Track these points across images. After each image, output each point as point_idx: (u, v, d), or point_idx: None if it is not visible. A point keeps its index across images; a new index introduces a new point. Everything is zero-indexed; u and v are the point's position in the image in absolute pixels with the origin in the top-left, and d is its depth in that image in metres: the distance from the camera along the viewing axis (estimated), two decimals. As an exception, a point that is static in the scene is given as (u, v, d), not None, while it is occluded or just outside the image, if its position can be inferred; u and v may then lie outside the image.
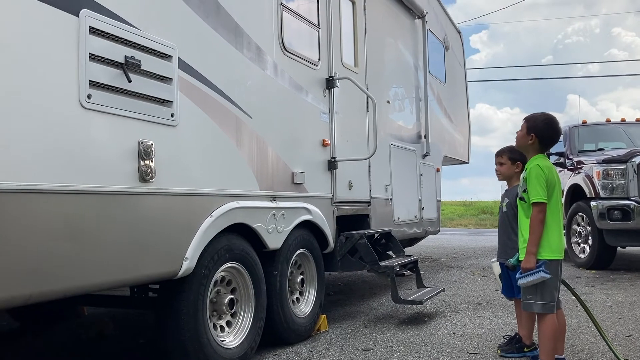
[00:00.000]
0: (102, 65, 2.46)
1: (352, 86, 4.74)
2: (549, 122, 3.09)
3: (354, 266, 4.63)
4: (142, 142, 2.63)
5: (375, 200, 5.29)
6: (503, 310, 4.88)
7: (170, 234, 2.79)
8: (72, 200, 2.28)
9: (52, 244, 2.20)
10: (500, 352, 3.55)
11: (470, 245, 11.85)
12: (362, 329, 4.33)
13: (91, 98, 2.39)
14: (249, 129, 3.49)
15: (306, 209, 4.08)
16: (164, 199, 2.75)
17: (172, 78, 2.85)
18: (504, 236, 3.59)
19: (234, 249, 3.30)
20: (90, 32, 2.40)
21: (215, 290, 3.25)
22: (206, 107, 3.11)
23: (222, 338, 3.25)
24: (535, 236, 2.91)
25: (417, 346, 3.79)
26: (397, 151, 5.91)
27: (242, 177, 3.43)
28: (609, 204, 6.90)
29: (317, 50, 4.42)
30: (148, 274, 2.69)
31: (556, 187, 2.99)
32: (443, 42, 7.97)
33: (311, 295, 4.27)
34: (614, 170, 7.00)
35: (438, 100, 7.64)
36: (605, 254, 7.26)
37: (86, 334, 4.25)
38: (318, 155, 4.35)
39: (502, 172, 3.69)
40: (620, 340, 3.85)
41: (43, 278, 2.17)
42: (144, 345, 3.99)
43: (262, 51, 3.68)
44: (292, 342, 3.89)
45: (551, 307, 2.93)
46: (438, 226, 7.56)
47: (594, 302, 5.16)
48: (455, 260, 9.04)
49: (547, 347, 2.92)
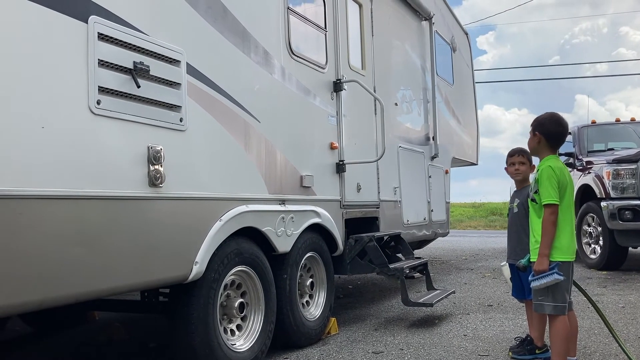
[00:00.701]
0: (111, 71, 2.47)
1: (359, 89, 4.74)
2: (553, 119, 3.08)
3: (364, 269, 4.62)
4: (152, 147, 2.64)
5: (384, 202, 5.28)
6: (514, 312, 4.85)
7: (180, 238, 2.80)
8: (82, 205, 2.30)
9: (63, 249, 2.21)
10: (512, 354, 3.53)
11: (479, 247, 11.80)
12: (373, 331, 4.32)
13: (101, 104, 2.40)
14: (257, 132, 3.50)
15: (315, 212, 4.08)
16: (173, 204, 2.76)
17: (181, 83, 2.86)
18: (514, 237, 3.57)
19: (244, 253, 3.31)
20: (99, 38, 2.41)
21: (225, 294, 3.26)
22: (214, 112, 3.12)
23: (232, 342, 3.26)
24: (547, 238, 2.89)
25: (428, 349, 3.77)
26: (405, 153, 5.90)
27: (251, 180, 3.43)
28: (619, 204, 6.85)
29: (325, 54, 4.42)
30: (158, 278, 2.71)
31: (568, 188, 2.97)
32: (450, 44, 7.95)
33: (321, 298, 4.27)
34: (625, 170, 6.96)
35: (446, 102, 7.61)
36: (617, 254, 7.21)
37: (97, 339, 4.27)
38: (326, 158, 4.35)
39: (523, 172, 3.63)
40: (633, 341, 3.82)
41: (55, 283, 2.18)
42: (155, 350, 4.00)
43: (270, 55, 3.69)
44: (303, 345, 3.89)
45: (563, 308, 2.91)
46: (447, 228, 7.54)
47: (605, 303, 5.12)
48: (465, 262, 9.01)
49: (560, 348, 2.90)
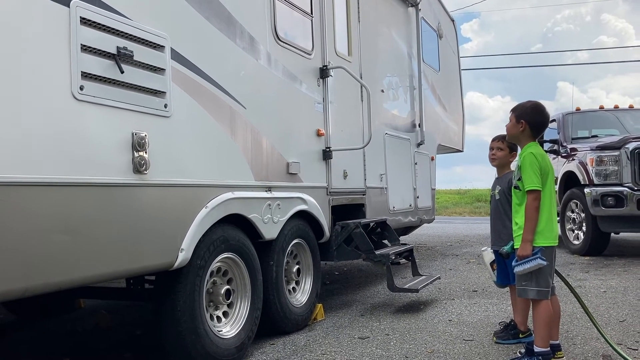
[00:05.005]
0: (94, 56, 2.44)
1: (346, 75, 4.72)
2: (537, 108, 3.11)
3: (350, 255, 4.64)
4: (136, 133, 2.61)
5: (371, 189, 5.30)
6: (498, 297, 4.91)
7: (166, 225, 2.78)
8: (66, 192, 2.27)
9: (46, 236, 2.19)
10: (496, 339, 3.57)
11: (464, 233, 11.90)
12: (359, 317, 4.35)
13: (84, 89, 2.37)
14: (243, 119, 3.48)
15: (301, 199, 4.08)
16: (158, 190, 2.74)
17: (165, 69, 2.83)
18: (498, 223, 3.59)
19: (230, 240, 3.30)
20: (82, 22, 2.37)
21: (211, 281, 3.25)
22: (199, 98, 3.10)
23: (219, 328, 3.26)
24: (530, 224, 2.92)
25: (413, 334, 3.81)
26: (391, 140, 5.91)
27: (237, 167, 3.42)
28: (602, 191, 6.93)
29: (311, 40, 4.39)
30: (144, 266, 2.69)
31: (549, 175, 3.00)
32: (437, 31, 7.94)
33: (307, 285, 4.28)
34: (608, 156, 7.03)
35: (432, 89, 7.62)
36: (599, 240, 7.31)
37: (83, 327, 4.26)
38: (313, 145, 4.35)
39: (499, 157, 3.66)
40: (614, 325, 3.89)
41: (39, 271, 2.16)
42: (141, 337, 3.99)
43: (255, 41, 3.66)
44: (289, 331, 3.91)
45: (546, 293, 2.95)
46: (433, 214, 7.59)
47: (588, 288, 5.20)
48: (450, 248, 9.08)
49: (542, 332, 2.95)
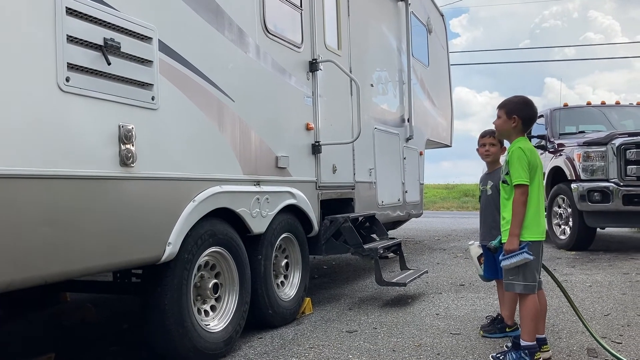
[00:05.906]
0: (81, 47, 2.40)
1: (335, 69, 4.71)
2: (527, 102, 3.13)
3: (339, 249, 4.65)
4: (123, 126, 2.59)
5: (359, 184, 5.30)
6: (485, 292, 4.94)
7: (153, 218, 2.76)
8: (51, 185, 2.24)
9: (31, 229, 2.16)
10: (483, 333, 3.60)
11: (452, 228, 11.97)
12: (347, 311, 4.35)
13: (70, 81, 2.34)
14: (231, 112, 3.46)
15: (290, 193, 4.07)
16: (145, 184, 2.72)
17: (152, 60, 2.80)
18: (489, 219, 3.58)
19: (218, 234, 3.28)
20: (67, 12, 2.34)
21: (199, 275, 3.24)
22: (187, 90, 3.07)
23: (206, 322, 3.25)
24: (518, 218, 2.93)
25: (401, 327, 3.82)
26: (380, 135, 5.91)
27: (225, 161, 3.40)
28: (589, 186, 7.00)
29: (300, 33, 4.37)
30: (131, 259, 2.67)
31: (538, 170, 3.02)
32: (426, 25, 7.94)
33: (296, 279, 4.28)
34: (594, 152, 7.10)
35: (421, 84, 7.63)
36: (585, 235, 7.38)
37: (69, 320, 4.22)
38: (302, 139, 4.33)
39: (493, 153, 3.67)
40: (599, 319, 3.93)
41: (23, 264, 2.13)
42: (128, 331, 3.97)
43: (244, 33, 3.63)
44: (277, 325, 3.90)
45: (532, 287, 2.97)
46: (421, 209, 7.61)
47: (574, 283, 5.25)
48: (437, 243, 9.13)
49: (529, 327, 2.97)
